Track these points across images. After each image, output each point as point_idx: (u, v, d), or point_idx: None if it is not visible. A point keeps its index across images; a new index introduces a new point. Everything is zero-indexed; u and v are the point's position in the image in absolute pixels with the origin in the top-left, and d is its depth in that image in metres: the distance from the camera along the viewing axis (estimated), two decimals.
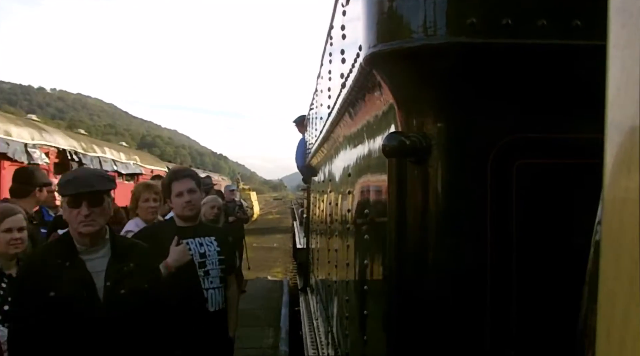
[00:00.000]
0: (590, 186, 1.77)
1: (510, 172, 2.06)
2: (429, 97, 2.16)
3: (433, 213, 2.15)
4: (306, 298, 10.23)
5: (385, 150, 2.12)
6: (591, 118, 2.01)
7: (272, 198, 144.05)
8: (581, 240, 1.40)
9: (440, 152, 2.10)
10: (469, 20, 1.91)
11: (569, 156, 2.07)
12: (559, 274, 2.05)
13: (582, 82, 2.00)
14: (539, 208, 2.10)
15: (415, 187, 2.20)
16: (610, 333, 0.79)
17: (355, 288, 3.54)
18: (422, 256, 2.18)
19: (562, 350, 1.89)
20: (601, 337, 0.82)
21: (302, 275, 12.23)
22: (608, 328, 0.79)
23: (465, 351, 2.12)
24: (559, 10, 1.94)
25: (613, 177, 0.80)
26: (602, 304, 0.82)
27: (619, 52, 0.80)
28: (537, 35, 1.91)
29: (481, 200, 2.06)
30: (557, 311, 2.04)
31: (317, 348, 6.62)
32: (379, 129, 2.73)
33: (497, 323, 2.08)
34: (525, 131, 2.08)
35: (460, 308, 2.12)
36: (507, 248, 2.07)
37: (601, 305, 0.83)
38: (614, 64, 0.81)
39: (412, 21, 2.04)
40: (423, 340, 2.19)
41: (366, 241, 3.07)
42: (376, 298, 2.80)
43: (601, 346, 0.81)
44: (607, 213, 0.82)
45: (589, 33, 1.89)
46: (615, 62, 0.81)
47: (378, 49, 2.17)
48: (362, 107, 3.13)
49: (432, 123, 2.14)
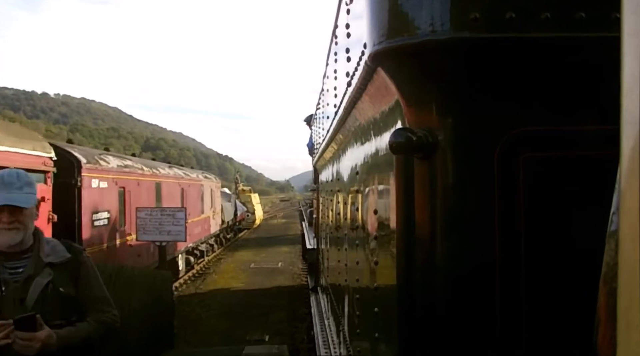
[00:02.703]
0: (597, 178, 1.78)
1: (517, 165, 2.06)
2: (435, 92, 2.17)
3: (441, 208, 2.16)
4: (317, 297, 10.25)
5: (393, 147, 2.13)
6: (596, 110, 2.03)
7: (278, 199, 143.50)
8: (591, 232, 1.40)
9: (447, 147, 2.11)
10: (473, 15, 1.91)
11: (575, 149, 2.07)
12: (568, 268, 2.06)
13: (587, 75, 2.00)
14: (546, 201, 2.10)
15: (422, 183, 2.20)
16: (630, 324, 0.78)
17: (365, 286, 3.54)
18: (431, 252, 2.19)
19: (572, 346, 1.89)
20: (621, 329, 0.82)
21: (313, 275, 12.25)
22: (628, 321, 0.79)
23: (475, 347, 2.13)
24: (563, 3, 1.94)
25: (630, 165, 0.80)
26: (622, 295, 0.82)
27: (633, 40, 0.80)
28: (541, 29, 1.92)
29: (488, 194, 2.07)
30: (567, 306, 2.04)
31: (329, 347, 6.63)
32: (385, 126, 2.74)
33: (506, 317, 2.08)
34: (531, 125, 2.08)
35: (470, 303, 2.13)
36: (515, 241, 2.07)
37: (621, 296, 0.82)
38: (628, 53, 0.81)
39: (416, 17, 2.05)
40: (433, 337, 2.20)
41: (375, 239, 3.07)
42: (386, 295, 2.80)
43: (622, 337, 0.81)
44: (625, 202, 0.82)
45: (594, 25, 1.89)
46: (629, 50, 0.81)
47: (383, 46, 2.18)
48: (368, 105, 3.13)
49: (438, 119, 2.15)
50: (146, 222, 17.15)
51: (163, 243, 17.68)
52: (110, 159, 17.22)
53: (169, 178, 22.96)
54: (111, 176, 16.54)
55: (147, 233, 17.17)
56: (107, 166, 16.43)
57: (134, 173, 18.80)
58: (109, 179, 16.32)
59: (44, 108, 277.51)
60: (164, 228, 17.14)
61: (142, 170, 19.76)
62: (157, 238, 17.38)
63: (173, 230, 17.23)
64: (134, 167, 19.19)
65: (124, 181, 17.52)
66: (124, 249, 17.41)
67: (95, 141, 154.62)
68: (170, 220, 17.30)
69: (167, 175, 22.96)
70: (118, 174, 17.20)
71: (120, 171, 17.51)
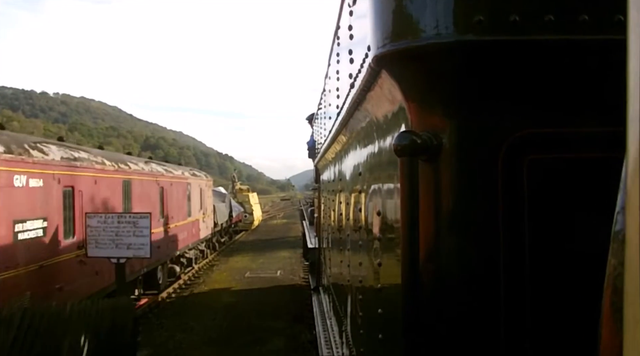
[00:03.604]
0: (602, 180, 1.79)
1: (521, 167, 2.06)
2: (439, 95, 2.17)
3: (445, 210, 2.16)
4: (319, 297, 10.24)
5: (397, 149, 2.13)
6: (600, 112, 2.04)
7: (279, 198, 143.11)
8: (595, 234, 1.41)
9: (452, 150, 2.11)
10: (477, 18, 1.92)
11: (579, 151, 2.08)
12: (574, 270, 2.06)
13: (591, 77, 2.01)
14: (551, 203, 2.10)
15: (427, 185, 2.20)
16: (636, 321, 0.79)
17: (369, 287, 3.55)
18: (436, 254, 2.19)
19: (576, 343, 1.90)
20: (628, 326, 0.82)
21: (314, 274, 12.24)
22: (634, 317, 0.79)
23: (480, 349, 2.13)
24: (566, 6, 1.94)
25: (636, 164, 0.80)
26: (628, 293, 0.83)
27: (639, 38, 0.80)
28: (544, 31, 1.92)
29: (493, 196, 2.07)
30: (572, 309, 2.05)
31: (332, 347, 6.63)
32: (389, 129, 2.74)
33: (510, 318, 2.09)
34: (535, 127, 2.08)
35: (475, 304, 2.13)
36: (519, 242, 2.08)
37: (627, 293, 0.83)
38: (633, 51, 0.81)
39: (420, 20, 2.05)
40: (438, 339, 2.20)
41: (379, 240, 3.08)
42: (390, 296, 2.81)
43: (628, 334, 0.82)
44: (631, 201, 0.82)
45: (597, 28, 1.90)
46: (634, 48, 0.81)
47: (387, 49, 2.18)
48: (372, 107, 3.13)
49: (443, 121, 2.15)
50: (99, 232, 13.04)
51: (121, 260, 13.18)
52: (50, 150, 12.97)
53: (142, 175, 18.74)
54: (51, 171, 12.46)
55: (101, 246, 13.05)
56: (43, 158, 12.24)
57: (89, 168, 14.47)
58: (46, 175, 12.24)
59: (43, 107, 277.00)
60: (122, 239, 13.04)
61: (102, 164, 15.46)
62: (112, 254, 13.09)
63: (134, 243, 13.01)
64: (89, 160, 14.78)
65: (71, 178, 13.39)
66: (72, 268, 13.18)
67: (94, 140, 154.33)
68: (131, 229, 13.06)
69: (140, 171, 18.69)
70: (62, 169, 12.99)
71: (66, 165, 13.23)
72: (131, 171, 17.71)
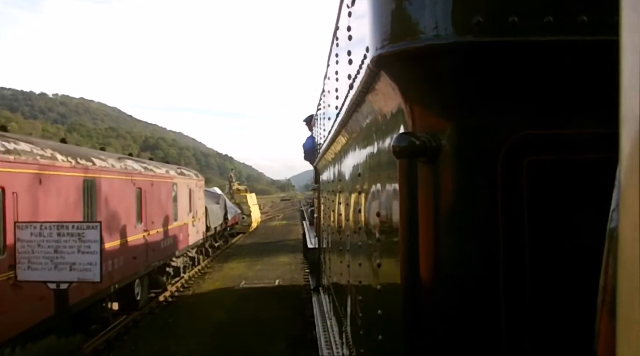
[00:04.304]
0: (601, 181, 1.79)
1: (520, 169, 2.06)
2: (438, 97, 2.17)
3: (445, 211, 2.17)
4: (319, 297, 10.24)
5: (396, 151, 2.13)
6: (599, 113, 2.03)
7: (279, 198, 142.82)
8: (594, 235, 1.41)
9: (450, 151, 2.11)
10: (476, 19, 1.92)
11: (578, 152, 2.08)
12: (573, 271, 2.06)
13: (590, 78, 2.01)
14: (550, 204, 2.10)
15: (426, 186, 2.20)
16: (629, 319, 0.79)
17: (369, 287, 3.55)
18: (435, 255, 2.19)
19: (576, 343, 1.90)
20: (621, 325, 0.82)
21: (314, 275, 12.24)
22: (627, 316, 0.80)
23: (480, 350, 2.13)
24: (565, 7, 1.94)
25: (630, 162, 0.80)
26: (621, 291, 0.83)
27: (632, 37, 0.80)
28: (543, 32, 1.92)
29: (492, 198, 2.07)
30: (572, 309, 2.05)
31: (332, 347, 6.63)
32: (388, 130, 2.74)
33: (510, 319, 2.09)
34: (534, 128, 2.08)
35: (474, 305, 2.13)
36: (519, 243, 2.08)
37: (620, 291, 0.83)
38: (627, 50, 0.81)
39: (419, 21, 2.05)
40: (438, 340, 2.20)
41: (378, 241, 3.08)
42: (390, 297, 2.81)
43: (621, 332, 0.82)
44: (625, 198, 0.82)
45: (596, 29, 1.90)
46: (627, 47, 0.81)
47: (385, 50, 2.18)
48: (371, 108, 3.13)
49: (442, 123, 2.15)
50: (32, 248, 9.88)
51: (62, 285, 9.93)
52: None
53: (112, 173, 15.43)
54: None
55: (35, 266, 9.87)
56: None
57: (29, 163, 11.09)
58: None
59: (42, 108, 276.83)
60: (64, 257, 9.84)
61: (51, 158, 12.14)
62: (50, 276, 9.89)
63: (80, 262, 9.84)
64: (32, 153, 11.45)
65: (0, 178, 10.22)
66: (1, 294, 9.94)
67: (94, 140, 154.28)
68: (74, 244, 9.87)
69: (110, 169, 15.37)
70: None
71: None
72: (96, 169, 14.38)
